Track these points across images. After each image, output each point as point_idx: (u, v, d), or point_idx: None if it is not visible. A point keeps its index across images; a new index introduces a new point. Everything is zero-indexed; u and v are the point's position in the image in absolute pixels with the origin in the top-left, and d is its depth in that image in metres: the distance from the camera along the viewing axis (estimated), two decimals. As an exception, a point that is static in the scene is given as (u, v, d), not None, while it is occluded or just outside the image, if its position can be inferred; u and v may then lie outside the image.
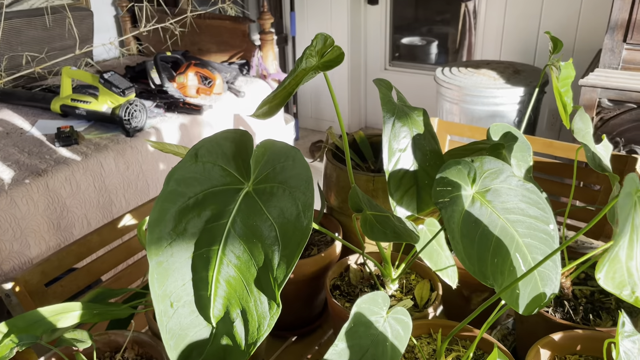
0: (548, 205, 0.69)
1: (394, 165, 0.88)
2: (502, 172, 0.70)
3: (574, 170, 0.85)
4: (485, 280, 0.64)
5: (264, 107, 0.62)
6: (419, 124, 0.91)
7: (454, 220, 0.66)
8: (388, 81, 0.93)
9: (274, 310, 0.56)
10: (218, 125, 2.43)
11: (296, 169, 0.59)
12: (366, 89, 3.81)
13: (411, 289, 0.94)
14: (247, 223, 0.59)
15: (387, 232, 0.76)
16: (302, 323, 1.04)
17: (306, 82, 0.60)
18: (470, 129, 1.65)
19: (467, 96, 2.54)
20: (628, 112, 2.17)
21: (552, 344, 0.78)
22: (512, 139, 0.93)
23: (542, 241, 0.67)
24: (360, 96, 3.82)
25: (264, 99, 0.63)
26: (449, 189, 0.68)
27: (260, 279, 0.58)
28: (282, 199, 0.58)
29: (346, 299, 0.92)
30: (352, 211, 0.76)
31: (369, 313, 0.62)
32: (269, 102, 0.62)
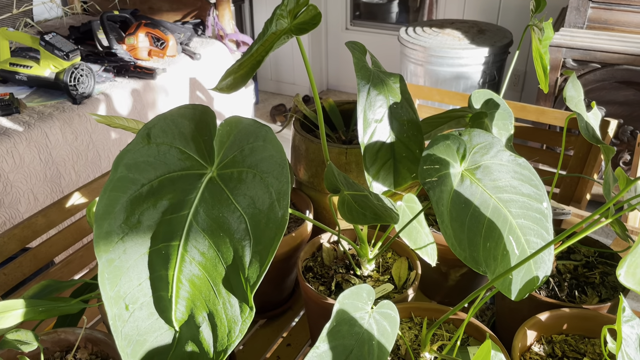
0: (540, 181, 0.64)
1: (369, 138, 0.80)
2: (493, 146, 0.64)
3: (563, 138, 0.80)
4: (477, 267, 0.58)
5: (227, 79, 0.54)
6: (395, 92, 0.84)
7: (443, 202, 0.59)
8: (362, 44, 0.85)
9: (247, 314, 0.49)
10: (174, 90, 2.29)
11: (268, 150, 0.51)
12: (327, 50, 3.69)
13: (388, 267, 0.89)
14: (211, 214, 0.51)
15: (366, 214, 0.69)
16: (272, 306, 0.98)
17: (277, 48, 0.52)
18: (440, 92, 1.58)
19: (432, 57, 2.47)
20: (592, 73, 2.16)
21: (539, 324, 0.75)
22: (494, 106, 0.87)
23: (535, 221, 0.62)
24: (322, 58, 3.70)
25: (228, 70, 0.54)
26: (437, 167, 0.61)
27: (230, 278, 0.50)
28: (253, 185, 0.50)
29: (320, 282, 0.85)
30: (328, 191, 0.68)
31: (353, 309, 0.55)
32: (234, 72, 0.53)
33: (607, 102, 2.19)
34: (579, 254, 0.88)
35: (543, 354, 0.73)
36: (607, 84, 2.15)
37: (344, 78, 3.78)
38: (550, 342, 0.75)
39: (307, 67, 0.61)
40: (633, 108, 2.16)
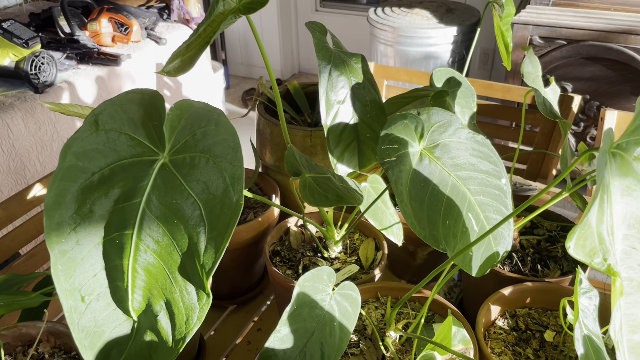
0: (499, 158, 0.64)
1: (332, 119, 0.80)
2: (451, 124, 0.64)
3: (523, 114, 0.80)
4: (437, 245, 0.59)
5: (175, 61, 0.52)
6: (357, 72, 0.83)
7: (402, 182, 0.59)
8: (322, 24, 0.84)
9: (204, 301, 0.49)
10: (140, 76, 2.25)
11: (220, 134, 0.50)
12: (298, 32, 3.65)
13: (355, 249, 0.89)
14: (165, 201, 0.50)
15: (329, 196, 0.69)
16: (241, 291, 0.97)
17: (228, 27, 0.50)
18: (407, 72, 1.58)
19: (402, 37, 2.46)
20: (558, 49, 2.18)
21: (503, 299, 0.76)
22: (455, 85, 0.87)
23: (494, 197, 0.63)
24: (292, 41, 3.67)
25: (175, 52, 0.53)
26: (395, 146, 0.61)
27: (185, 266, 0.49)
28: (206, 170, 0.49)
29: (287, 266, 0.85)
30: (289, 175, 0.68)
31: (314, 292, 0.55)
32: (182, 54, 0.52)
33: (574, 78, 2.21)
34: (542, 229, 0.89)
35: (507, 328, 0.74)
36: (573, 60, 2.18)
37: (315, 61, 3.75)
38: (514, 316, 0.76)
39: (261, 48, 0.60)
40: (599, 84, 2.19)
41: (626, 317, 0.50)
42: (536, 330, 0.74)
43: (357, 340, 0.71)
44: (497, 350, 0.71)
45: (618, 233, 0.46)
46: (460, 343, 0.64)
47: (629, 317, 0.50)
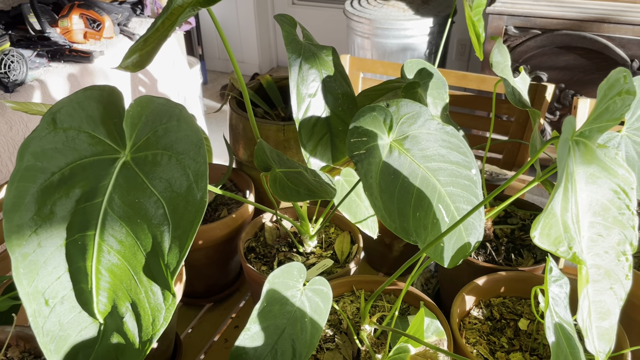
0: (469, 149, 0.64)
1: (304, 113, 0.79)
2: (420, 115, 0.63)
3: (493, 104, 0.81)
4: (407, 237, 0.58)
5: (133, 56, 0.51)
6: (328, 65, 0.82)
7: (372, 174, 0.59)
8: (291, 17, 0.83)
9: (170, 301, 0.48)
10: (114, 73, 2.21)
11: (182, 130, 0.49)
12: (275, 26, 3.63)
13: (331, 243, 0.89)
14: (127, 201, 0.49)
15: (300, 191, 0.68)
16: (217, 289, 0.96)
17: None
18: (383, 65, 1.58)
19: (378, 29, 2.46)
20: (533, 39, 2.19)
21: (477, 289, 0.76)
22: (427, 76, 0.87)
23: (465, 188, 0.63)
24: (270, 34, 3.64)
25: (132, 46, 0.51)
26: (364, 139, 0.60)
27: (150, 266, 0.48)
28: (169, 168, 0.48)
29: (262, 262, 0.84)
30: (259, 170, 0.67)
31: (284, 288, 0.54)
32: (140, 49, 0.51)
33: (549, 68, 2.23)
34: (516, 218, 0.90)
35: (482, 318, 0.75)
36: (548, 50, 2.19)
37: (293, 54, 3.72)
38: (489, 306, 0.77)
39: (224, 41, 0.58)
40: (573, 72, 2.21)
41: (595, 304, 0.50)
42: (510, 319, 0.74)
43: (333, 335, 0.71)
44: (472, 340, 0.71)
45: (584, 221, 0.46)
46: (434, 334, 0.64)
47: (598, 304, 0.50)
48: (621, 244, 0.48)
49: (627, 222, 0.47)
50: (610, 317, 0.51)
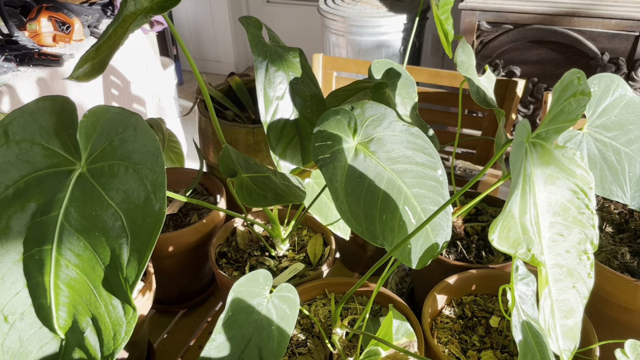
0: (435, 149, 0.64)
1: (272, 116, 0.78)
2: (385, 117, 0.63)
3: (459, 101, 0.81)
4: (374, 240, 0.58)
5: (85, 66, 0.50)
6: (295, 67, 0.81)
7: (337, 178, 0.58)
8: (256, 19, 0.82)
9: (130, 314, 0.47)
10: (85, 76, 2.17)
11: (139, 140, 0.48)
12: (250, 24, 3.60)
13: (304, 245, 0.88)
14: (84, 213, 0.47)
15: (267, 196, 0.68)
16: (191, 295, 0.95)
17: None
18: (357, 63, 1.58)
19: (352, 27, 2.46)
20: (505, 34, 2.21)
21: (448, 288, 0.76)
22: (395, 76, 0.87)
23: (431, 189, 0.63)
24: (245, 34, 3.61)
25: (84, 56, 0.50)
26: (329, 142, 0.60)
27: (109, 279, 0.47)
28: (126, 179, 0.47)
29: (234, 267, 0.83)
30: (225, 176, 0.66)
31: (250, 296, 0.54)
32: (91, 58, 0.50)
33: (522, 62, 2.25)
34: (487, 215, 0.90)
35: (453, 316, 0.75)
36: (520, 44, 2.21)
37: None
38: (461, 304, 0.77)
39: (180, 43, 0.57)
40: (545, 66, 2.24)
41: (558, 303, 0.50)
42: (482, 316, 0.75)
43: (305, 339, 0.70)
44: (443, 339, 0.71)
45: (544, 221, 0.46)
46: (404, 336, 0.64)
47: (561, 303, 0.51)
48: (582, 243, 0.48)
49: (587, 221, 0.47)
50: (574, 315, 0.51)
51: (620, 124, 0.60)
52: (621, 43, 2.07)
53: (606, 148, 0.59)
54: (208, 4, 3.42)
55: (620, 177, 0.59)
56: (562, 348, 0.51)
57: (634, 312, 0.73)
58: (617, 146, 0.60)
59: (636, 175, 0.61)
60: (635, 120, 0.61)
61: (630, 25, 2.02)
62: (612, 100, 0.59)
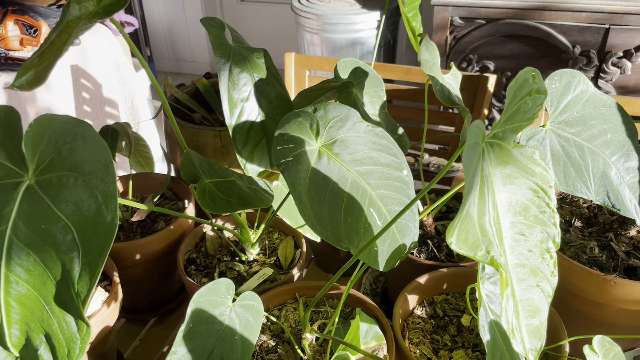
0: (400, 150, 0.63)
1: (237, 118, 0.77)
2: (349, 118, 0.62)
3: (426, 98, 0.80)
4: (339, 244, 0.57)
5: (28, 74, 0.48)
6: (260, 68, 0.80)
7: (300, 182, 0.57)
8: (219, 19, 0.80)
9: (84, 331, 0.45)
10: (54, 80, 2.12)
11: (89, 149, 0.46)
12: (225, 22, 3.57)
13: (275, 249, 0.87)
14: (33, 227, 0.46)
15: (232, 201, 0.66)
16: (161, 303, 0.93)
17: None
18: (329, 61, 1.56)
19: (327, 25, 2.44)
20: (478, 29, 2.22)
21: (419, 288, 0.76)
22: (362, 75, 0.86)
23: (396, 190, 0.62)
24: (219, 32, 3.57)
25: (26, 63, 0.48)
26: (291, 146, 0.59)
27: (61, 295, 0.45)
28: (75, 190, 0.46)
29: (203, 273, 0.82)
30: (187, 182, 0.64)
31: (211, 306, 0.53)
32: (35, 66, 0.48)
33: (495, 57, 2.26)
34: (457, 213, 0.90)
35: (425, 316, 0.74)
36: (493, 39, 2.22)
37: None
38: (432, 303, 0.76)
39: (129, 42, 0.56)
40: (519, 60, 2.25)
41: (522, 303, 0.50)
42: (453, 315, 0.75)
43: (275, 345, 0.69)
44: (415, 340, 0.70)
45: (505, 221, 0.46)
46: (373, 339, 0.63)
47: (526, 303, 0.50)
48: (544, 242, 0.47)
49: (549, 220, 0.47)
50: (539, 314, 0.51)
51: (583, 119, 0.60)
52: (592, 36, 2.09)
53: (569, 144, 0.59)
54: (181, 4, 3.38)
55: (584, 172, 0.59)
56: (529, 347, 0.51)
57: (603, 306, 0.73)
58: (580, 142, 0.59)
59: (600, 171, 0.61)
60: (598, 116, 0.61)
61: (600, 17, 2.04)
62: (573, 96, 0.59)
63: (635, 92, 2.12)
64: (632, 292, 0.69)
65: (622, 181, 0.64)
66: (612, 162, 0.62)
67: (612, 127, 0.62)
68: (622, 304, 0.71)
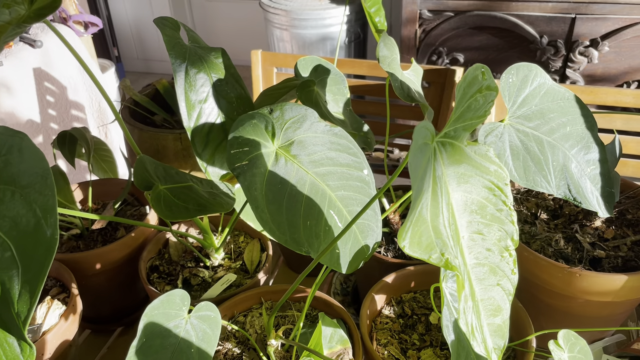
0: (359, 149, 0.62)
1: (195, 120, 0.75)
2: (306, 119, 0.61)
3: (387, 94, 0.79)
4: (299, 249, 0.56)
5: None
6: (218, 68, 0.78)
7: (256, 186, 0.56)
8: (173, 19, 0.78)
9: (28, 352, 0.43)
10: (16, 84, 2.06)
11: (25, 161, 0.44)
12: (194, 23, 3.52)
13: (241, 252, 0.85)
14: (-32, 245, 0.43)
15: (189, 207, 0.64)
16: (127, 312, 0.91)
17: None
18: (296, 58, 1.54)
19: (296, 20, 2.42)
20: (447, 21, 2.22)
21: (387, 287, 0.75)
22: (324, 72, 0.84)
23: (357, 190, 0.60)
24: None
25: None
26: (246, 149, 0.57)
27: (2, 316, 0.43)
28: (12, 205, 0.43)
29: (166, 281, 0.80)
30: (141, 189, 0.62)
31: (165, 319, 0.51)
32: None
33: (464, 49, 2.27)
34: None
35: (393, 316, 0.74)
36: (462, 31, 2.23)
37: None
38: (400, 302, 0.76)
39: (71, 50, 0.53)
40: (488, 52, 2.26)
41: (483, 303, 0.49)
42: (422, 313, 0.74)
43: (240, 353, 0.68)
44: (383, 341, 0.69)
45: (461, 221, 0.45)
46: (338, 344, 0.62)
47: (487, 302, 0.49)
48: (502, 240, 0.47)
49: (506, 217, 0.46)
50: (501, 313, 0.50)
51: (541, 113, 0.59)
52: (558, 25, 2.11)
53: (528, 138, 0.58)
54: (148, 3, 3.32)
55: (544, 167, 0.59)
56: (492, 347, 0.50)
57: (570, 298, 0.73)
58: (539, 136, 0.59)
59: (560, 164, 0.60)
60: (556, 109, 0.60)
61: (567, 7, 2.06)
62: (531, 90, 0.59)
63: (603, 80, 2.15)
64: (597, 283, 0.69)
65: (583, 174, 0.63)
66: (572, 155, 0.62)
67: (571, 120, 0.62)
68: (588, 296, 0.71)
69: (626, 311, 0.78)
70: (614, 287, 0.69)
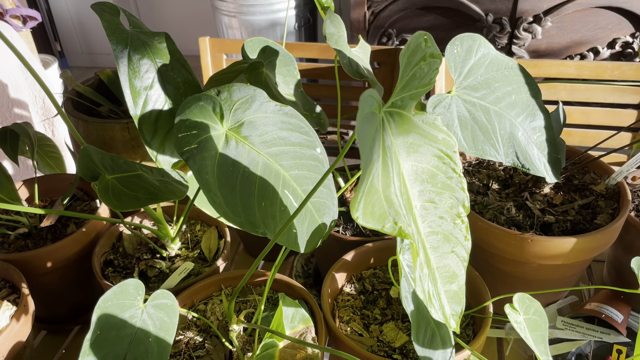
0: (311, 128, 0.61)
1: (142, 108, 0.72)
2: (255, 99, 0.60)
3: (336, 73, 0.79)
4: (255, 230, 0.55)
5: None
6: (163, 53, 0.76)
7: (207, 170, 0.54)
8: (112, 4, 0.75)
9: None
10: (-49, 83, 1.96)
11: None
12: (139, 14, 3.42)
13: (198, 241, 0.84)
14: None
15: (139, 196, 0.62)
16: (84, 310, 0.88)
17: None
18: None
19: (244, 7, 2.38)
20: (395, 3, 2.23)
21: (347, 265, 0.75)
22: (272, 54, 0.83)
23: (311, 169, 0.60)
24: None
25: None
26: (194, 132, 0.55)
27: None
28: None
29: (122, 275, 0.78)
30: (87, 180, 0.60)
31: (119, 310, 0.49)
32: None
33: (413, 30, 2.29)
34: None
35: (354, 293, 0.74)
36: (410, 12, 2.25)
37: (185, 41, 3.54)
38: (361, 279, 0.76)
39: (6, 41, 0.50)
40: (437, 32, 2.29)
41: (439, 270, 0.50)
42: (382, 289, 0.75)
43: (203, 341, 0.67)
44: (345, 318, 0.70)
45: (413, 191, 0.45)
46: (300, 323, 0.62)
47: (443, 270, 0.50)
48: (454, 207, 0.47)
49: (456, 185, 0.47)
50: (457, 279, 0.51)
51: (487, 83, 0.60)
52: (502, 3, 2.15)
53: (475, 108, 0.59)
54: (89, -6, 3.20)
55: (492, 135, 0.60)
56: (449, 313, 0.51)
57: (523, 263, 0.75)
58: (486, 105, 0.60)
59: (507, 132, 0.61)
60: (501, 78, 0.61)
61: (509, -15, 2.10)
62: (476, 60, 0.60)
63: (547, 55, 2.21)
64: (549, 247, 0.71)
65: (530, 141, 0.65)
66: (519, 122, 0.63)
67: (516, 89, 0.63)
68: (541, 260, 0.73)
69: (577, 273, 0.81)
70: (564, 250, 0.71)
